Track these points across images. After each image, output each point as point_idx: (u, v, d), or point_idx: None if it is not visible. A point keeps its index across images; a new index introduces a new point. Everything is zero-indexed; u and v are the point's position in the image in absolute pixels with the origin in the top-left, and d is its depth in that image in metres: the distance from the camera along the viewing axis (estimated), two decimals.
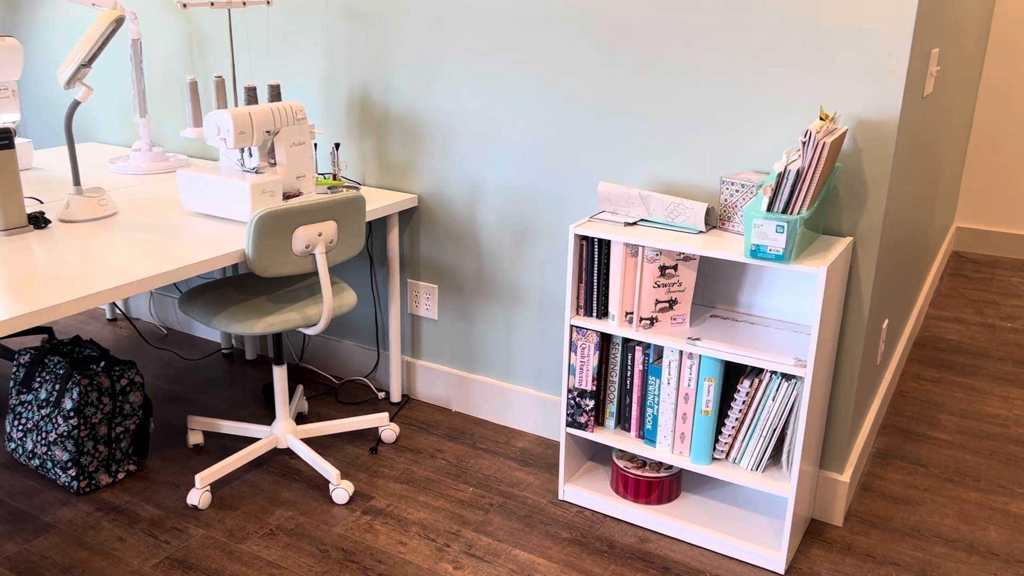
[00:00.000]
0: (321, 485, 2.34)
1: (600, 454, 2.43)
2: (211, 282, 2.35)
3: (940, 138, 2.98)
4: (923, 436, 2.68)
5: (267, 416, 2.71)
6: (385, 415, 2.55)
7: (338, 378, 2.98)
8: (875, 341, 2.32)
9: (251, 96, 2.51)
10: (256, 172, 2.27)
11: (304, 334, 2.94)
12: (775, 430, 1.99)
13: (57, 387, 2.27)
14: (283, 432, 2.38)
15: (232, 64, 2.61)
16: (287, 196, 2.31)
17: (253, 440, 2.56)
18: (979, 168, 4.53)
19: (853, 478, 2.27)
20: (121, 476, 2.35)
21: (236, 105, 2.79)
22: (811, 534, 2.17)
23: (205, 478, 2.23)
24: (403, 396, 2.85)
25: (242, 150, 2.28)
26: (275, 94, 2.52)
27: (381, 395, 2.85)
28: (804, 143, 1.76)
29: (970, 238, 4.66)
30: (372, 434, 2.62)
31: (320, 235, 2.10)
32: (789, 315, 2.13)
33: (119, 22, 2.18)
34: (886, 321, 2.46)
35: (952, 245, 4.65)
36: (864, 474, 2.45)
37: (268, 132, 2.23)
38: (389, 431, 2.56)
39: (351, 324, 2.92)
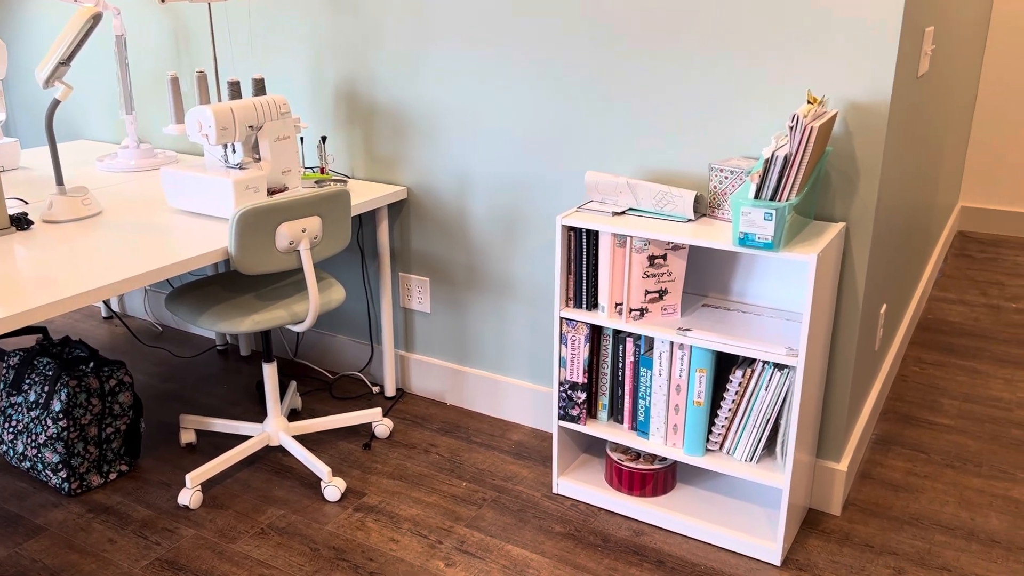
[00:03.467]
0: (313, 483, 2.32)
1: (595, 446, 2.41)
2: (198, 280, 2.32)
3: (939, 118, 2.92)
4: (924, 421, 2.64)
5: (261, 413, 2.70)
6: (378, 410, 2.53)
7: (333, 373, 2.96)
8: (872, 327, 2.28)
9: (234, 91, 2.48)
10: (240, 168, 2.24)
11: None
12: (769, 420, 1.96)
13: (46, 389, 2.26)
14: (275, 430, 2.37)
15: (214, 59, 2.58)
16: (272, 192, 2.28)
17: (246, 438, 2.55)
18: (983, 147, 4.45)
19: (851, 466, 2.24)
20: (113, 477, 2.34)
21: (220, 100, 2.76)
22: (808, 524, 2.14)
23: (196, 478, 2.21)
24: (398, 390, 2.83)
25: (225, 146, 2.25)
26: (259, 88, 2.49)
27: (376, 390, 2.83)
28: (791, 128, 1.72)
29: (975, 217, 4.59)
30: (366, 429, 2.60)
31: (304, 231, 2.07)
32: (782, 303, 2.09)
33: (96, 19, 2.15)
34: (884, 306, 2.42)
35: (957, 225, 4.59)
36: (863, 462, 2.41)
37: (251, 127, 2.20)
38: (383, 427, 2.54)
39: (344, 318, 2.90)
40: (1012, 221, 4.50)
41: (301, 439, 2.54)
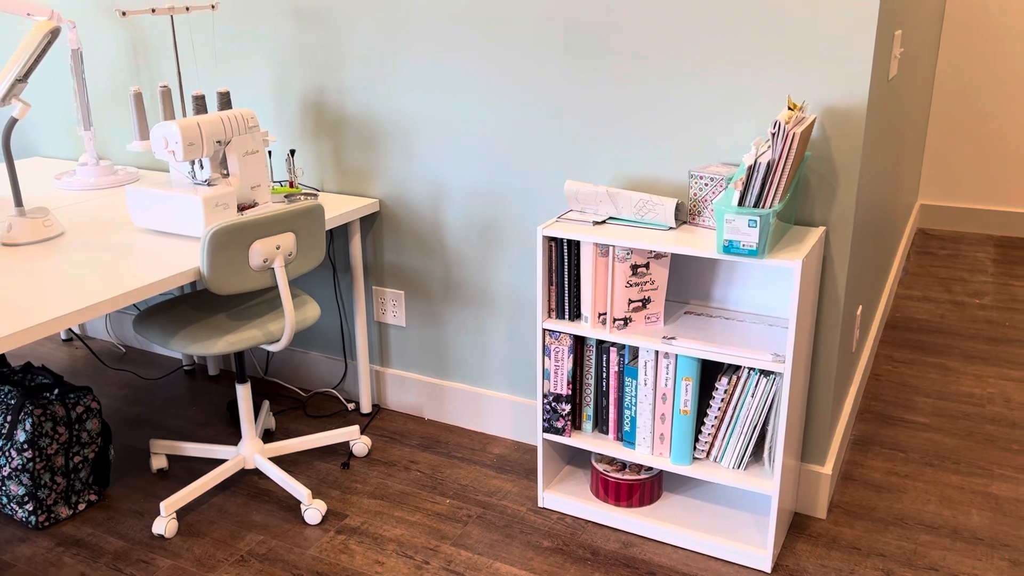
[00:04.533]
0: (292, 505, 2.26)
1: (579, 457, 2.38)
2: (167, 301, 2.25)
3: (904, 119, 2.96)
4: (900, 420, 2.66)
5: (233, 435, 2.62)
6: (356, 428, 2.48)
7: (306, 391, 2.89)
8: (850, 329, 2.30)
9: (200, 105, 2.41)
10: (208, 184, 2.17)
11: None
12: (755, 427, 1.95)
13: (8, 419, 2.16)
14: (250, 452, 2.30)
15: (178, 72, 2.51)
16: (242, 208, 2.22)
17: (220, 461, 2.48)
18: (940, 145, 4.54)
19: (834, 469, 2.25)
20: (82, 507, 2.25)
21: (184, 115, 2.69)
22: (796, 529, 2.14)
23: (170, 505, 2.14)
24: (374, 406, 2.78)
25: (192, 162, 2.19)
26: (225, 102, 2.42)
27: (351, 406, 2.78)
28: (774, 134, 1.71)
29: (935, 215, 4.68)
30: (343, 448, 2.54)
31: (278, 248, 2.02)
32: (764, 308, 2.09)
33: (54, 33, 2.07)
34: (860, 307, 2.44)
35: (917, 223, 4.67)
36: (844, 463, 2.43)
37: (219, 142, 2.14)
38: (361, 444, 2.48)
39: (317, 335, 2.84)
40: (970, 217, 4.59)
41: (277, 460, 2.48)
